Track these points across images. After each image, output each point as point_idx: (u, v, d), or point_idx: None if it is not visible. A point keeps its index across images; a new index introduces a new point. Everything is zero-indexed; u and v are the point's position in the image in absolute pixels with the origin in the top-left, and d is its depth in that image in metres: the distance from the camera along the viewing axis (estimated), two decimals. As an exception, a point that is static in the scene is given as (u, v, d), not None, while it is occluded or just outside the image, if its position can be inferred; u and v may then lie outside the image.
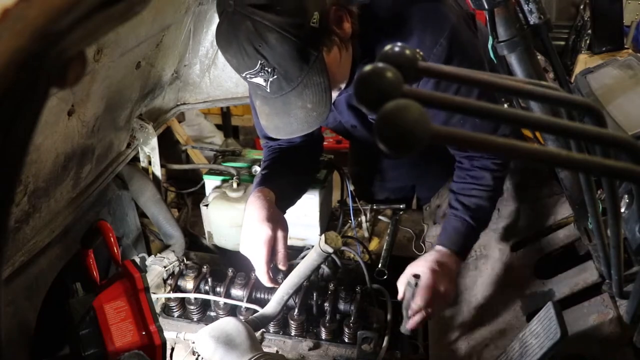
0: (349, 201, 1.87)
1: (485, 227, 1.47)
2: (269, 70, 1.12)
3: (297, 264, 1.40)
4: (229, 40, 1.13)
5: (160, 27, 1.43)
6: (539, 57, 1.05)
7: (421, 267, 1.33)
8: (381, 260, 1.72)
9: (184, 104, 2.07)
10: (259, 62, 1.11)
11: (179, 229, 1.77)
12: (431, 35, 1.24)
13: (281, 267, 1.38)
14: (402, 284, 1.35)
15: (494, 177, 1.40)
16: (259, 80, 1.15)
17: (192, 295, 1.55)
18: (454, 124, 1.32)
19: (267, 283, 1.37)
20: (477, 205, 1.40)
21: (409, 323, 1.32)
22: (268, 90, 1.17)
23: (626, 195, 0.91)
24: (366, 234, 1.89)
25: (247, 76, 1.16)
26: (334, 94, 1.30)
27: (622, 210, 0.90)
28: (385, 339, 1.39)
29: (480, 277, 1.53)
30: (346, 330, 1.45)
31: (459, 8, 1.35)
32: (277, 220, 1.37)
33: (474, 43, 1.33)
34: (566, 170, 1.15)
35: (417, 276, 1.30)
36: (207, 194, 1.87)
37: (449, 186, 1.48)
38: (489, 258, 1.56)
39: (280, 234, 1.36)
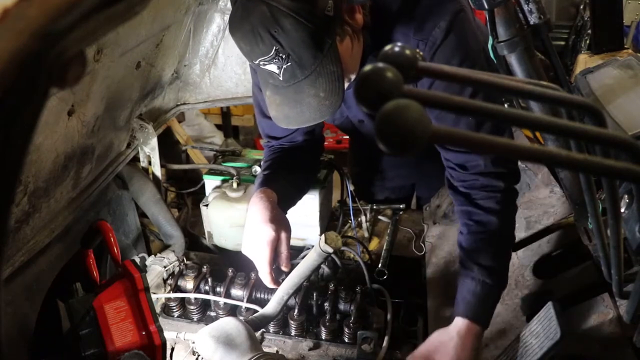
0: (349, 201, 1.87)
1: (505, 285, 1.31)
2: (284, 56, 1.12)
3: (297, 264, 1.40)
4: (242, 26, 1.12)
5: (160, 27, 1.43)
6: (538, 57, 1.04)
7: (436, 355, 1.23)
8: (381, 260, 1.72)
9: (184, 104, 2.07)
10: (274, 47, 1.11)
11: (179, 229, 1.77)
12: (431, 19, 1.23)
13: (284, 268, 1.37)
14: None
15: (500, 219, 1.29)
16: (272, 67, 1.15)
17: (192, 295, 1.55)
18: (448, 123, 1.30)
19: (270, 284, 1.37)
20: (492, 260, 1.27)
21: None
22: (281, 78, 1.16)
23: (626, 195, 0.90)
24: (366, 234, 1.89)
25: (261, 63, 1.15)
26: (345, 85, 1.31)
27: (622, 210, 0.90)
28: (385, 339, 1.39)
29: (480, 277, 1.53)
30: (346, 330, 1.45)
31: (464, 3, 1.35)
32: (280, 222, 1.37)
33: (475, 34, 1.31)
34: (566, 170, 1.15)
35: None
36: (207, 194, 1.87)
37: (457, 239, 1.36)
38: (489, 258, 1.55)
39: (283, 235, 1.35)
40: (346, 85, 1.31)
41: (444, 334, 1.27)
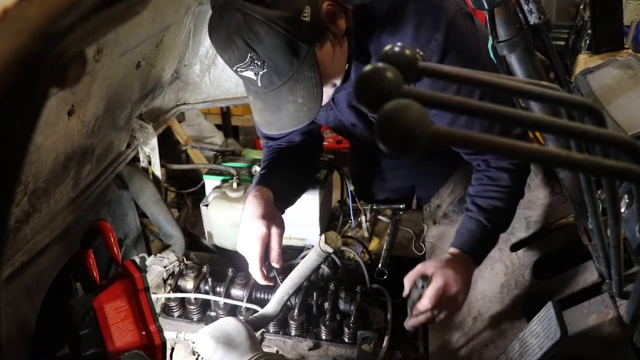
0: (349, 201, 1.87)
1: (504, 230, 1.38)
2: (259, 63, 1.13)
3: (297, 264, 1.40)
4: (219, 33, 1.14)
5: (160, 27, 1.43)
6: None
7: (432, 267, 1.27)
8: (381, 260, 1.72)
9: (184, 104, 2.07)
10: (249, 55, 1.12)
11: (179, 229, 1.77)
12: (426, 31, 1.22)
13: (275, 264, 1.36)
14: (409, 280, 1.31)
15: (512, 178, 1.33)
16: (250, 74, 1.16)
17: (192, 295, 1.55)
18: (461, 125, 1.29)
19: (260, 280, 1.37)
20: (493, 207, 1.33)
21: (412, 321, 1.29)
22: (259, 84, 1.17)
23: (626, 195, 0.90)
24: (366, 234, 1.89)
25: (238, 70, 1.16)
26: (329, 91, 1.30)
27: (622, 210, 0.90)
28: (385, 339, 1.39)
29: (480, 277, 1.53)
30: (346, 330, 1.45)
31: (458, 6, 1.33)
32: (272, 218, 1.36)
33: (472, 38, 1.29)
34: (566, 170, 1.15)
35: (425, 277, 1.26)
36: (207, 194, 1.87)
37: (468, 190, 1.42)
38: (489, 258, 1.55)
39: (274, 231, 1.35)
40: (331, 90, 1.31)
41: (435, 258, 1.33)
